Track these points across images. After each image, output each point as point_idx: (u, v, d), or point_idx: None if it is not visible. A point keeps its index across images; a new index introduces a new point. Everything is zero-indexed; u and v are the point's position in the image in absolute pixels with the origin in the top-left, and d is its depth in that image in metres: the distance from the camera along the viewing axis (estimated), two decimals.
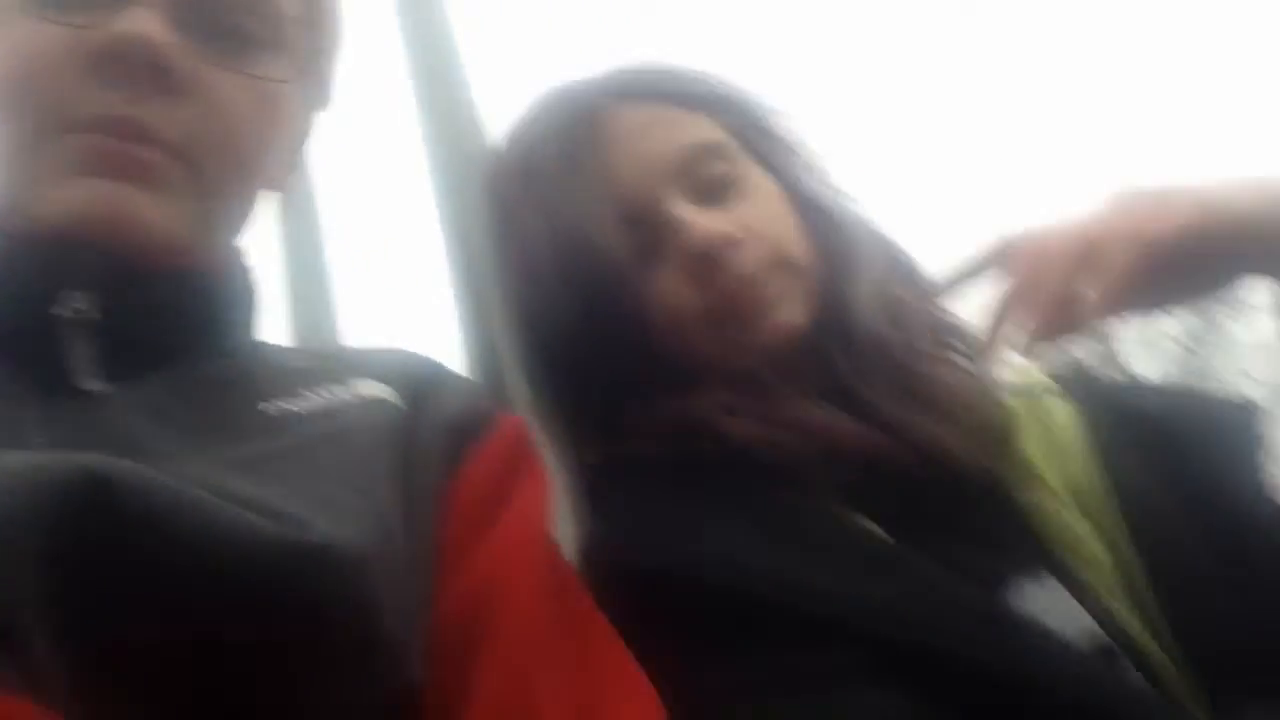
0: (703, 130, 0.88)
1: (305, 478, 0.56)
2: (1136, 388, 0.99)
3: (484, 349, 0.92)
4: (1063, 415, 0.85)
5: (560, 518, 0.74)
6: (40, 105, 0.61)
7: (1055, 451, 0.82)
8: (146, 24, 0.60)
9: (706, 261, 0.82)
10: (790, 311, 0.84)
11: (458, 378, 0.78)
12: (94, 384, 0.57)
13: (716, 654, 0.68)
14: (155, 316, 0.64)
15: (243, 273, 0.73)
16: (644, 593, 0.69)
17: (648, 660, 0.64)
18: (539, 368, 0.88)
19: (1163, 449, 0.80)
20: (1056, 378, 0.92)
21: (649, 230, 0.84)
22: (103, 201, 0.60)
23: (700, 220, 0.83)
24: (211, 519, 0.47)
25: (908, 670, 0.65)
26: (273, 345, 0.75)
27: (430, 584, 0.59)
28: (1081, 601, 0.73)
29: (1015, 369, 0.88)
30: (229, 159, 0.66)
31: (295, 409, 0.63)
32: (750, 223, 0.84)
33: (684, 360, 0.84)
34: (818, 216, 0.89)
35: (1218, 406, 0.89)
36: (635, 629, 0.66)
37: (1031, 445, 0.81)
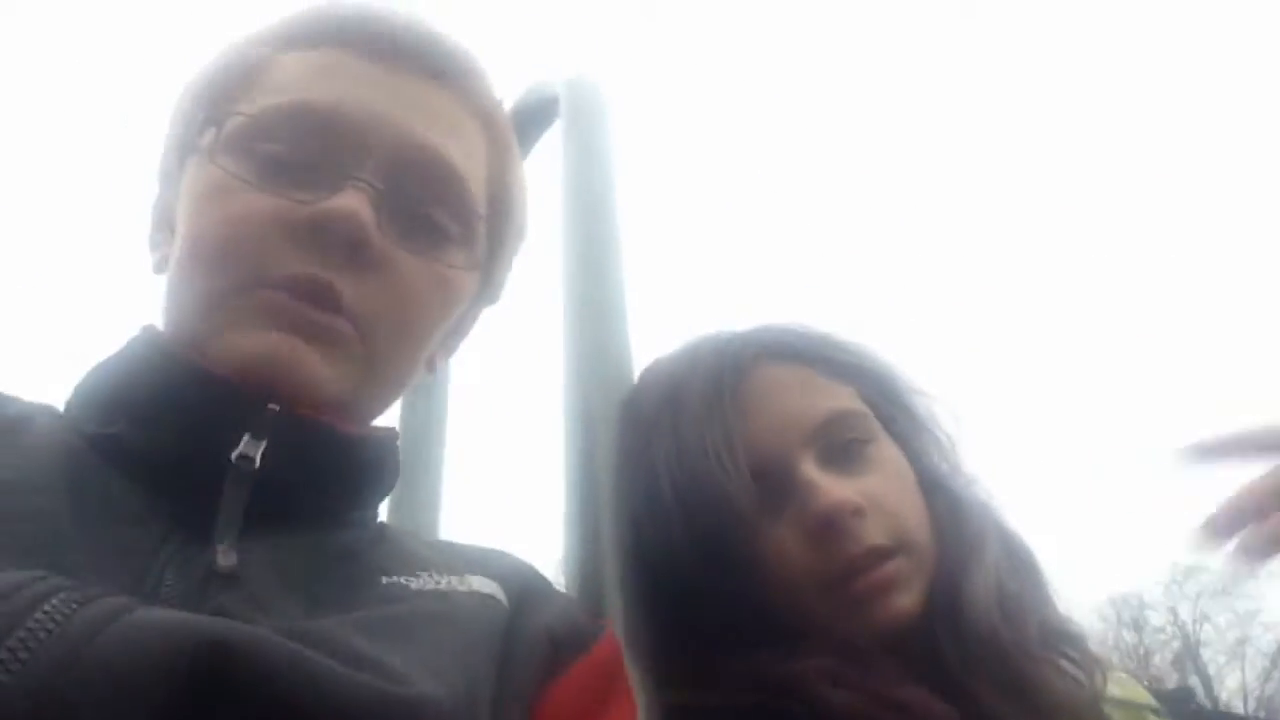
0: (842, 399, 0.93)
1: (413, 642, 0.58)
2: (1225, 715, 0.96)
3: (586, 568, 0.91)
4: None
5: None
6: (242, 261, 0.67)
7: None
8: (356, 204, 0.67)
9: (830, 526, 0.84)
10: (906, 597, 0.85)
11: (559, 591, 0.80)
12: (228, 561, 0.59)
13: None
14: (311, 471, 0.67)
15: (393, 449, 0.76)
16: None
17: None
18: (644, 601, 0.87)
19: None
20: (1162, 698, 0.92)
21: (777, 487, 0.87)
22: (281, 350, 0.65)
23: (829, 485, 0.85)
24: (322, 680, 0.49)
25: None
26: (396, 529, 0.77)
27: None
28: None
29: (1122, 683, 0.89)
30: (401, 335, 0.72)
31: (413, 586, 0.66)
32: (877, 495, 0.87)
33: (790, 621, 0.84)
34: (943, 500, 0.92)
35: None
36: None
37: None
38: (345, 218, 0.67)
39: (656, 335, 1.07)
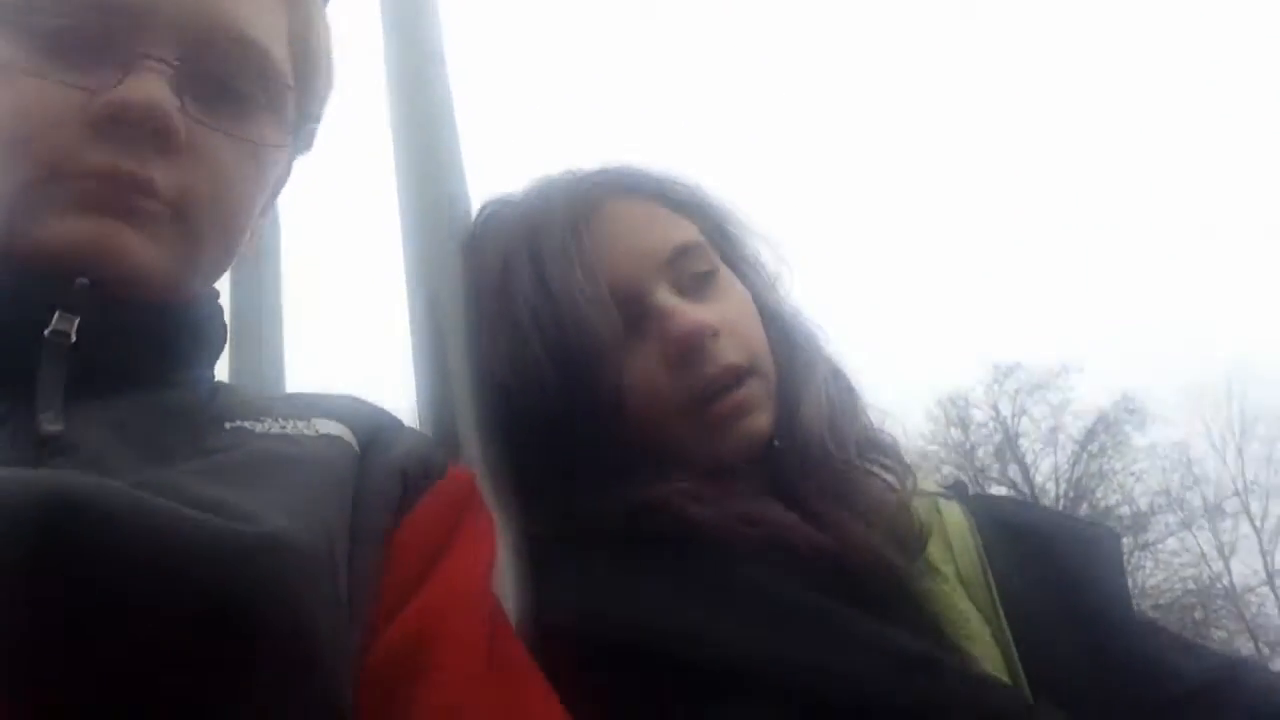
0: (688, 231, 0.96)
1: (261, 484, 0.57)
2: (1016, 501, 1.09)
3: (439, 408, 0.91)
4: (956, 516, 0.93)
5: (501, 572, 0.75)
6: (41, 156, 0.63)
7: (949, 547, 0.90)
8: (153, 91, 0.63)
9: (690, 348, 0.88)
10: (761, 416, 0.91)
11: (411, 429, 0.80)
12: (54, 426, 0.57)
13: (645, 715, 0.72)
14: (127, 340, 0.65)
15: (214, 311, 0.75)
16: (583, 659, 0.71)
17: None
18: (503, 438, 0.89)
19: (1040, 555, 0.90)
20: (950, 486, 1.03)
21: (634, 316, 0.89)
22: (98, 234, 0.63)
23: (686, 309, 0.89)
24: (167, 521, 0.48)
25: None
26: (233, 384, 0.77)
27: (364, 619, 0.60)
28: None
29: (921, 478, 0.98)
30: (218, 215, 0.69)
31: (256, 429, 0.66)
32: (729, 320, 0.91)
33: (651, 449, 0.88)
34: (776, 329, 0.97)
35: (1091, 529, 0.99)
36: (572, 693, 0.68)
37: (931, 541, 0.89)
38: (145, 107, 0.63)
39: (492, 177, 1.05)
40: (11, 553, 0.44)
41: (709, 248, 0.97)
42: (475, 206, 1.01)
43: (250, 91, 0.71)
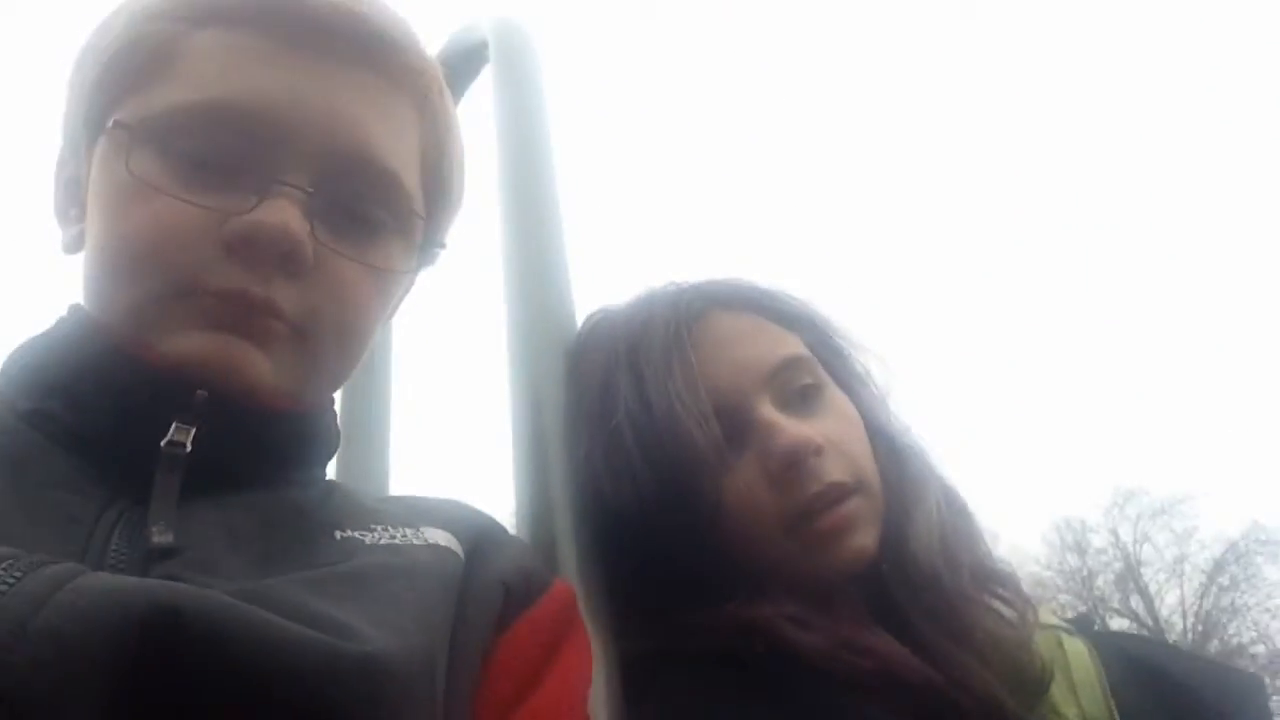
0: (793, 345, 0.95)
1: (365, 597, 0.57)
2: (1146, 640, 1.02)
3: (538, 518, 0.90)
4: (1081, 653, 0.88)
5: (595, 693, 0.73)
6: (172, 272, 0.64)
7: (1073, 687, 0.84)
8: (287, 216, 0.65)
9: (793, 465, 0.85)
10: (865, 536, 0.87)
11: (514, 538, 0.80)
12: (164, 538, 0.58)
13: None
14: (242, 449, 0.66)
15: (329, 417, 0.76)
16: None
17: None
18: (601, 552, 0.87)
19: (1175, 702, 0.84)
20: (1073, 620, 0.97)
21: (736, 431, 0.87)
22: (222, 350, 0.64)
23: (790, 425, 0.87)
24: (268, 634, 0.49)
25: None
26: (346, 486, 0.77)
27: None
28: None
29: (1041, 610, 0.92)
30: (339, 336, 0.70)
31: (366, 540, 0.65)
32: (834, 436, 0.89)
33: (751, 568, 0.85)
34: (884, 446, 0.94)
35: (1232, 676, 0.91)
36: None
37: (1054, 681, 0.83)
38: (276, 231, 0.64)
39: (596, 287, 1.06)
40: (115, 660, 0.44)
41: (815, 362, 0.95)
42: (581, 317, 1.01)
43: (381, 218, 0.72)
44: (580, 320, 1.01)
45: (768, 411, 0.89)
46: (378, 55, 0.72)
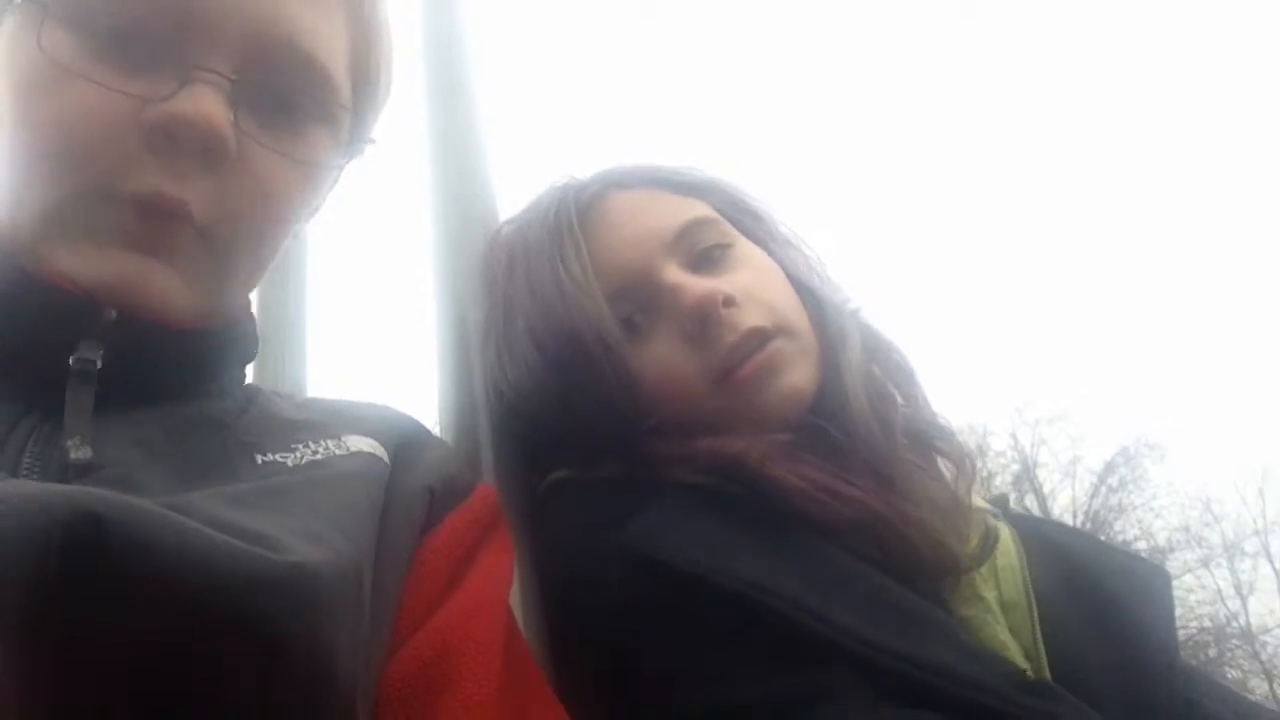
0: (697, 209, 0.91)
1: (291, 512, 0.56)
2: (1063, 526, 1.03)
3: (462, 420, 0.92)
4: (1004, 537, 0.86)
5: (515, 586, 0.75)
6: (88, 169, 0.61)
7: (995, 569, 0.83)
8: (209, 105, 0.61)
9: (705, 320, 0.83)
10: (796, 373, 0.86)
11: (439, 441, 0.80)
12: (81, 452, 0.56)
13: (734, 663, 0.70)
14: (156, 363, 0.64)
15: (247, 326, 0.74)
16: (680, 594, 0.71)
17: (664, 657, 0.70)
18: (520, 456, 0.88)
19: (1089, 589, 0.83)
20: (992, 501, 0.94)
21: (645, 301, 0.86)
22: (134, 273, 0.61)
23: (695, 282, 0.85)
24: (194, 544, 0.47)
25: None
26: (266, 392, 0.75)
27: (386, 635, 0.60)
28: None
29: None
30: (259, 233, 0.67)
31: (289, 462, 0.64)
32: (747, 286, 0.86)
33: (684, 422, 0.83)
34: (807, 297, 0.91)
35: (1143, 566, 0.91)
36: (661, 627, 0.69)
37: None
38: (199, 122, 0.60)
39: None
40: (36, 568, 0.43)
41: (723, 221, 0.92)
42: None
43: (307, 109, 0.69)
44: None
45: (673, 274, 0.86)
46: None
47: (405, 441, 0.72)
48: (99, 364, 0.60)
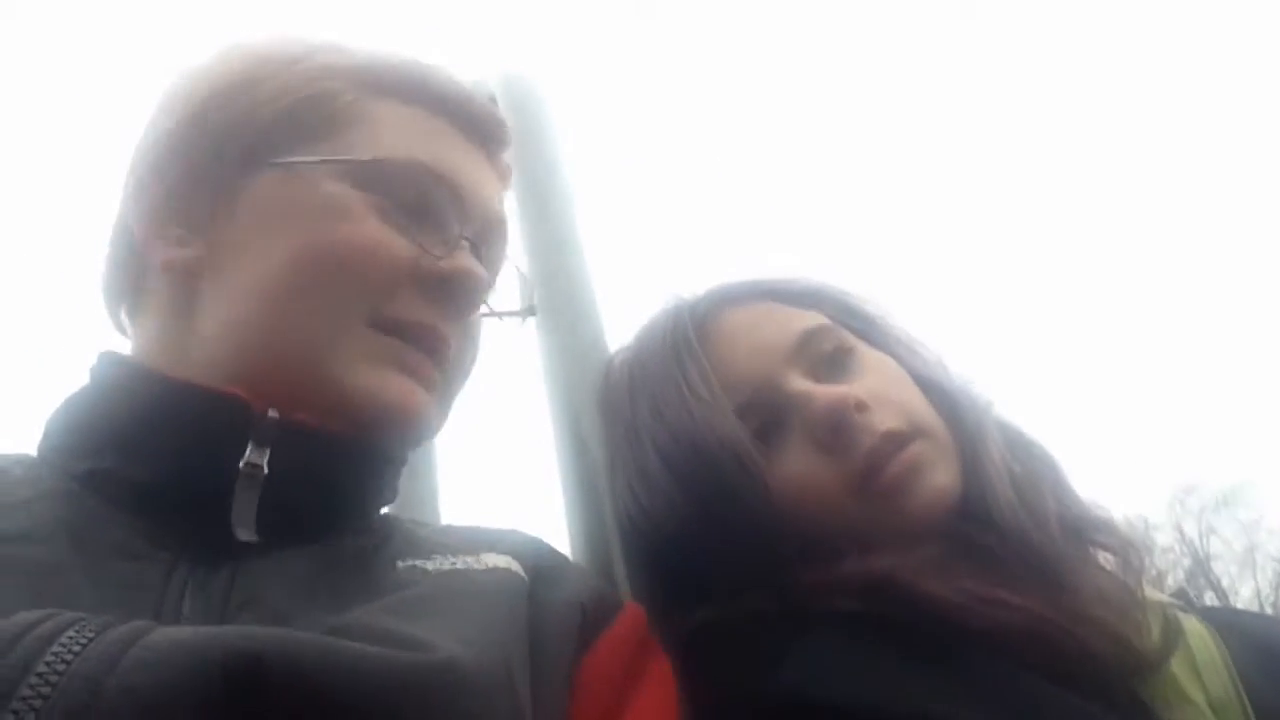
0: (812, 319, 0.90)
1: (437, 616, 0.58)
2: (1260, 615, 0.94)
3: (594, 550, 0.92)
4: (1198, 631, 0.79)
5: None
6: (370, 289, 0.69)
7: (1195, 668, 0.77)
8: (479, 267, 0.75)
9: (838, 426, 0.81)
10: (941, 474, 0.82)
11: (576, 565, 0.81)
12: (249, 534, 0.61)
13: None
14: (314, 476, 0.67)
15: (394, 451, 0.76)
16: None
17: None
18: (656, 578, 0.87)
19: None
20: (1175, 594, 0.88)
21: (771, 414, 0.84)
22: (407, 394, 0.70)
23: (822, 389, 0.83)
24: (349, 660, 0.49)
25: None
26: (403, 522, 0.78)
27: None
28: None
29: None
30: (459, 380, 0.78)
31: (429, 567, 0.67)
32: (876, 390, 0.84)
33: (826, 538, 0.80)
34: (937, 394, 0.89)
35: None
36: None
37: (1175, 662, 0.76)
38: (477, 279, 0.73)
39: (635, 320, 1.07)
40: (201, 711, 0.44)
41: (840, 329, 0.91)
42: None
43: (495, 273, 0.83)
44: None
45: (798, 383, 0.85)
46: (497, 146, 0.85)
47: (541, 562, 0.73)
48: (265, 469, 0.64)
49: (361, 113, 0.75)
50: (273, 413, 0.64)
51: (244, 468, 0.63)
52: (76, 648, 0.44)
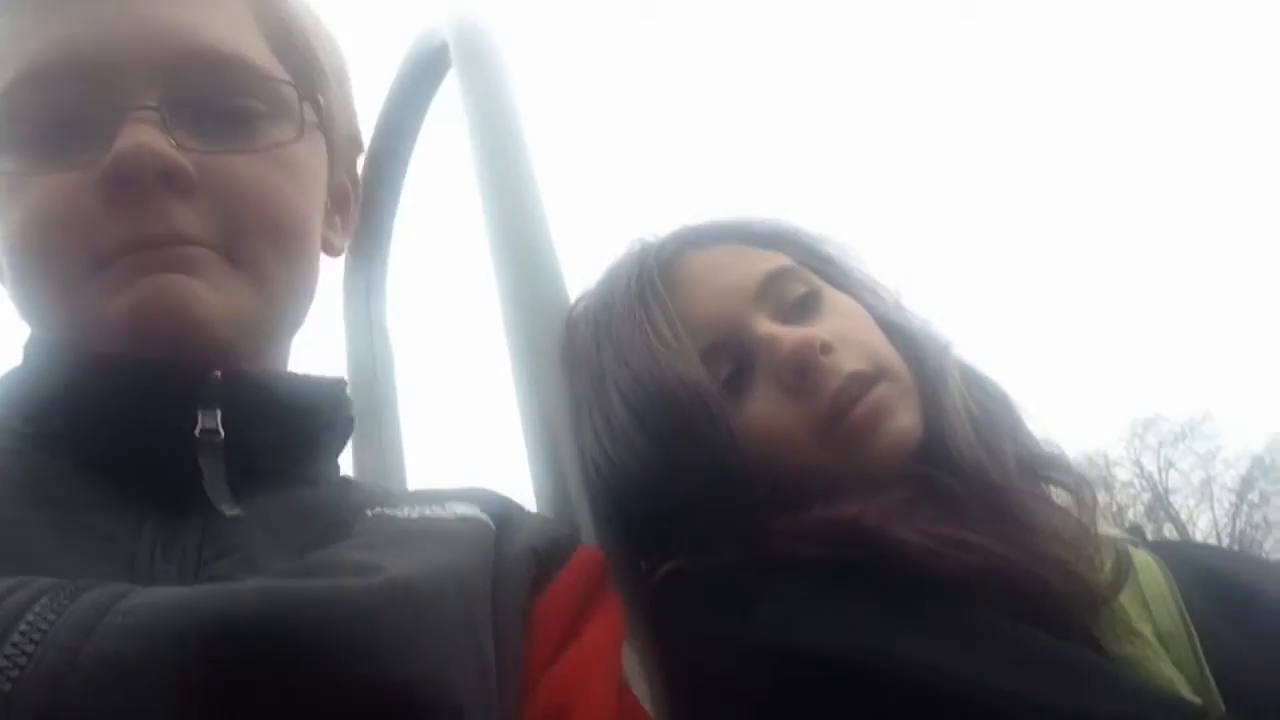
0: (776, 260, 0.91)
1: (403, 550, 0.58)
2: (1208, 547, 0.97)
3: (556, 501, 0.92)
4: (1148, 564, 0.82)
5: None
6: (73, 249, 0.63)
7: (1144, 601, 0.79)
8: (143, 136, 0.62)
9: (803, 368, 0.81)
10: (905, 415, 0.83)
11: (535, 513, 0.82)
12: (231, 508, 0.60)
13: None
14: (268, 427, 0.67)
15: (342, 397, 0.76)
16: (821, 678, 0.67)
17: None
18: (622, 516, 0.87)
19: (1245, 607, 0.79)
20: (1129, 530, 0.90)
21: (737, 356, 0.84)
22: (159, 292, 0.62)
23: (789, 330, 0.84)
24: (312, 599, 0.48)
25: None
26: (361, 481, 0.79)
27: (516, 693, 0.60)
28: None
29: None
30: (268, 233, 0.68)
31: (399, 515, 0.67)
32: (841, 332, 0.85)
33: (793, 481, 0.81)
34: (899, 336, 0.90)
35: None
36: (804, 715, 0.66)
37: (1124, 595, 0.78)
38: (136, 154, 0.62)
39: (595, 267, 1.06)
40: (180, 674, 0.44)
41: (806, 271, 0.91)
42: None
43: (246, 104, 0.69)
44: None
45: (764, 325, 0.85)
46: None
47: (504, 513, 0.74)
48: (221, 432, 0.62)
49: None
50: (216, 373, 0.63)
51: (201, 435, 0.62)
52: (51, 615, 0.44)
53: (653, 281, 0.89)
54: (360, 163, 0.91)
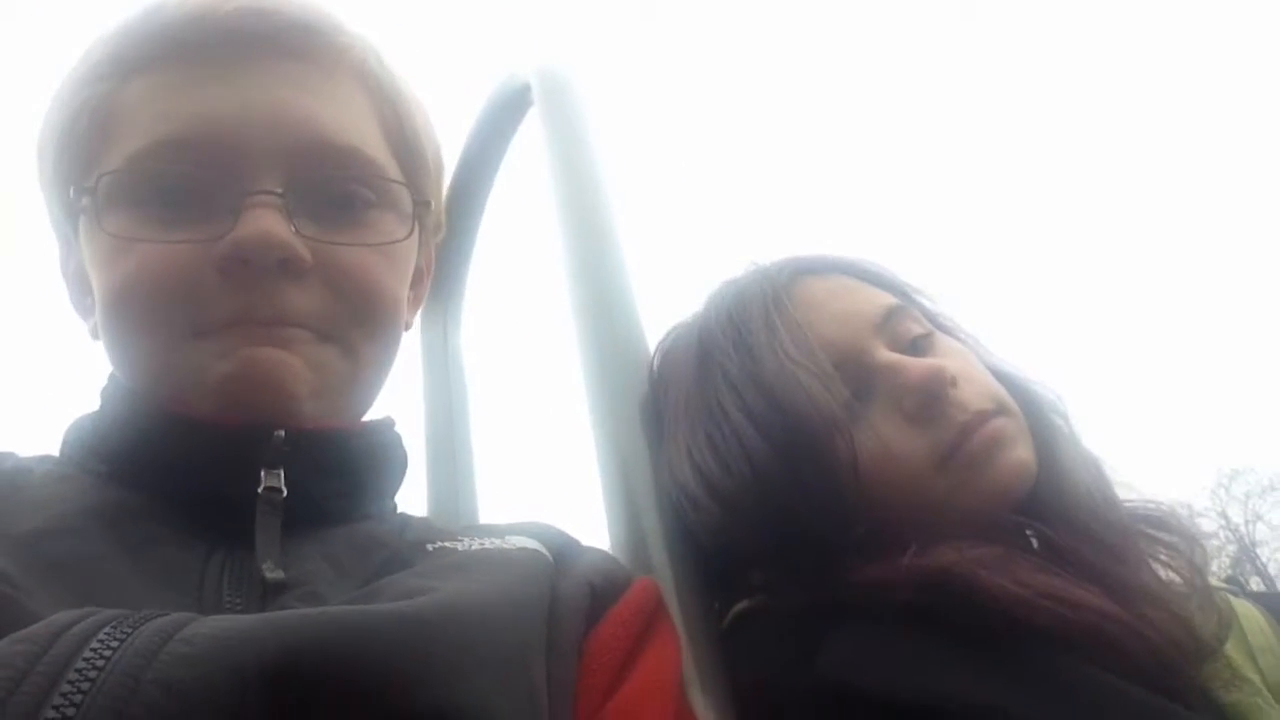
0: (890, 298, 0.90)
1: (462, 576, 0.60)
2: None
3: (632, 534, 0.91)
4: (1251, 615, 0.80)
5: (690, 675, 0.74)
6: (176, 311, 0.66)
7: (1250, 652, 0.77)
8: (267, 223, 0.66)
9: (930, 398, 0.81)
10: (1022, 450, 0.82)
11: (592, 548, 0.82)
12: (276, 574, 0.60)
13: None
14: (325, 479, 0.69)
15: (394, 438, 0.78)
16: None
17: None
18: (697, 543, 0.86)
19: None
20: (1227, 581, 0.89)
21: (855, 379, 0.83)
22: (258, 365, 0.65)
23: (914, 360, 0.83)
24: (368, 624, 0.50)
25: None
26: (418, 517, 0.80)
27: None
28: None
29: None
30: (363, 318, 0.72)
31: (458, 548, 0.69)
32: (960, 370, 0.84)
33: (896, 518, 0.79)
34: (1009, 382, 0.89)
35: None
36: None
37: (1230, 644, 0.76)
38: (261, 238, 0.65)
39: (669, 311, 1.06)
40: (238, 701, 0.45)
41: (917, 312, 0.91)
42: (651, 338, 1.02)
43: (361, 195, 0.73)
44: (651, 341, 1.02)
45: (886, 354, 0.84)
46: (300, 44, 0.73)
47: (562, 547, 0.75)
48: (284, 492, 0.64)
49: (115, 108, 0.71)
50: (279, 433, 0.65)
51: (263, 493, 0.64)
52: (114, 643, 0.45)
53: (779, 299, 0.88)
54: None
